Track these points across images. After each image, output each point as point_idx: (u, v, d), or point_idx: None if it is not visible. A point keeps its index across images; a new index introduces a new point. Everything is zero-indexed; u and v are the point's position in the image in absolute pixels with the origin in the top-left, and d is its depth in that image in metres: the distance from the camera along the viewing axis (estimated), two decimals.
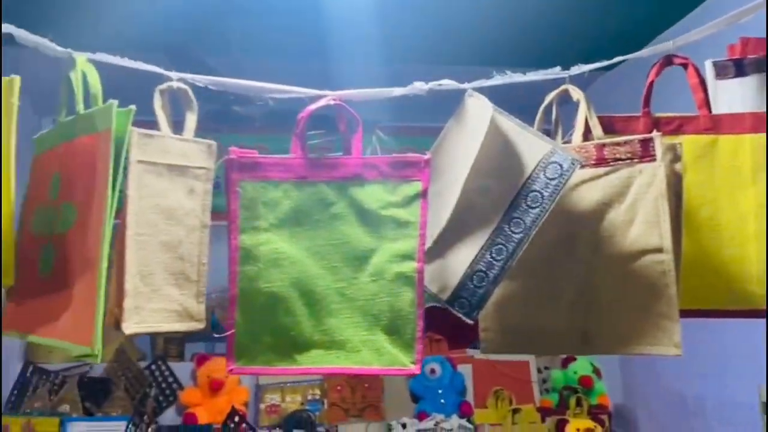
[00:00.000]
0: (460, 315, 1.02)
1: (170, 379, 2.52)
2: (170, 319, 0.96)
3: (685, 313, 1.01)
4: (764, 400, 1.65)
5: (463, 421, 2.40)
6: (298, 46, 1.89)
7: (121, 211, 0.93)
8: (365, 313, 0.99)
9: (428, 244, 1.02)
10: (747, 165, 1.08)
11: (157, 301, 0.95)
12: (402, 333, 0.99)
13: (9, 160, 0.90)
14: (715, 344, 1.69)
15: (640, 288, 1.01)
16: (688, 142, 1.07)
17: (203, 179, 1.01)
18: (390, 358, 0.98)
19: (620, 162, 1.04)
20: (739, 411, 1.69)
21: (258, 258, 0.99)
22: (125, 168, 0.91)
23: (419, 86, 1.07)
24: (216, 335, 0.99)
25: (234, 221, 1.00)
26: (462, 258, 1.02)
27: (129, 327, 0.91)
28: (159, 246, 0.95)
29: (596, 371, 2.57)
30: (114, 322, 0.92)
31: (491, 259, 1.01)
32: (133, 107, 0.91)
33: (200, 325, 0.99)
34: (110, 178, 0.87)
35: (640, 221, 1.01)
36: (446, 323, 1.02)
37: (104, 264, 0.85)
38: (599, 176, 1.05)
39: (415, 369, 0.98)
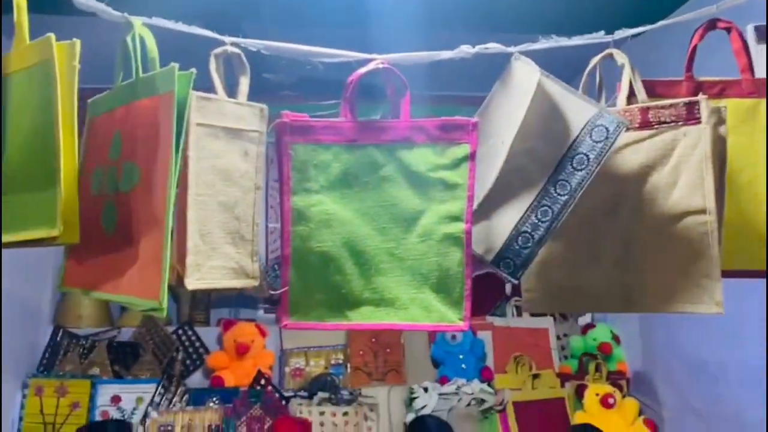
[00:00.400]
0: (505, 276, 1.05)
1: (197, 344, 2.57)
2: (228, 276, 1.00)
3: (724, 274, 1.03)
4: None
5: (484, 386, 2.45)
6: (337, 14, 1.89)
7: (180, 173, 0.96)
8: (414, 272, 1.02)
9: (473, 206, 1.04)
10: None
11: (216, 258, 0.98)
12: (450, 291, 1.01)
13: (72, 121, 0.92)
14: (736, 308, 1.71)
15: (683, 248, 1.03)
16: (730, 106, 1.08)
17: (257, 142, 1.04)
18: (438, 315, 1.01)
19: (664, 125, 1.05)
20: (763, 375, 1.72)
21: (310, 219, 1.02)
22: (186, 130, 0.94)
23: (466, 49, 1.08)
24: (272, 291, 1.03)
25: (286, 183, 1.03)
26: (507, 220, 1.05)
27: (191, 282, 0.95)
28: (217, 206, 0.98)
29: (615, 338, 2.61)
30: (176, 277, 0.95)
31: (536, 221, 1.03)
32: (193, 70, 0.93)
33: (255, 282, 1.03)
34: (173, 140, 0.90)
35: (683, 183, 1.03)
36: None
37: (170, 222, 0.88)
38: (643, 139, 1.07)
39: (463, 326, 1.01)
